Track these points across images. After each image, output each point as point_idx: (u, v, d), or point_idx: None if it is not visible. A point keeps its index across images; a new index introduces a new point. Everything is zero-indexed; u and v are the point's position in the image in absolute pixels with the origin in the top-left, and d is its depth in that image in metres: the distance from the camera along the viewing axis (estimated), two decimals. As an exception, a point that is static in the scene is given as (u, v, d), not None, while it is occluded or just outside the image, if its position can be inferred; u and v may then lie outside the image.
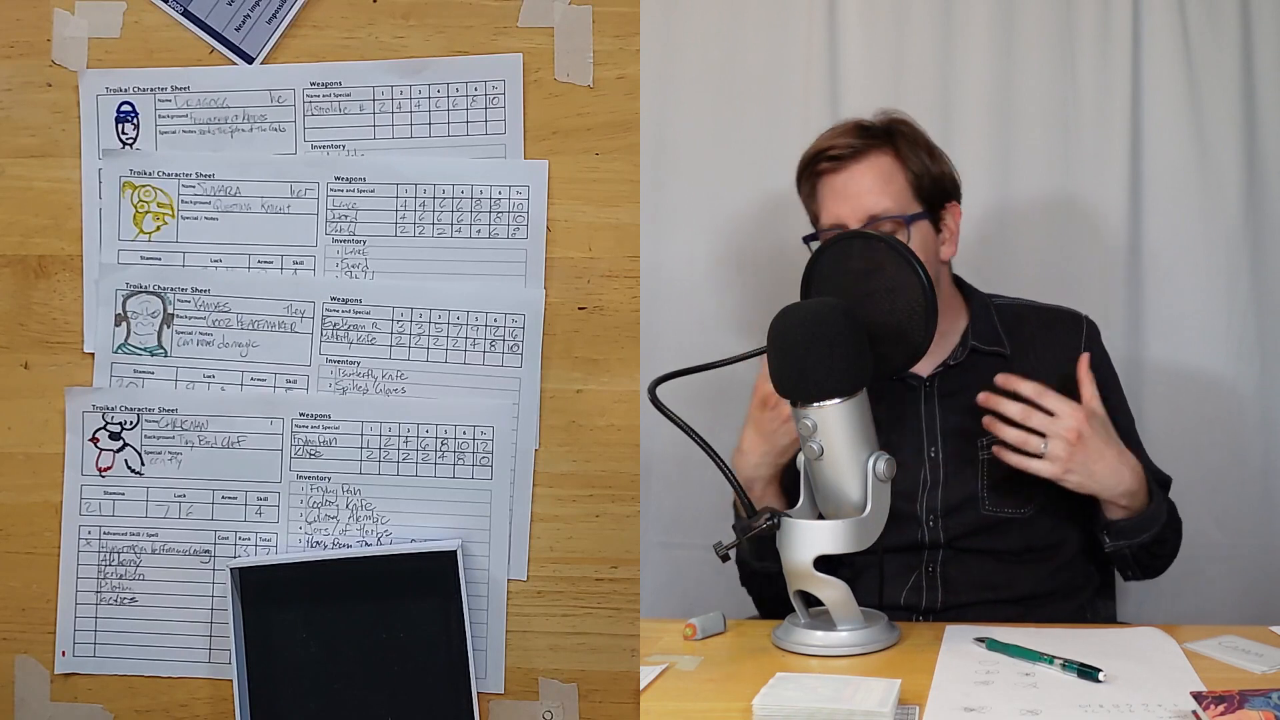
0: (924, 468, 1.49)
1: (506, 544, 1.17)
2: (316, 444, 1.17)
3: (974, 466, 1.47)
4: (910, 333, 1.27)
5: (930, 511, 1.47)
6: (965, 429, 1.48)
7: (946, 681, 1.14)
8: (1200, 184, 1.83)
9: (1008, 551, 1.47)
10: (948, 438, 1.49)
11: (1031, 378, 1.48)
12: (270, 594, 1.16)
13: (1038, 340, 1.52)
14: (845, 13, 1.88)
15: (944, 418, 1.49)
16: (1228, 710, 0.98)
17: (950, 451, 1.48)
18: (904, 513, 1.45)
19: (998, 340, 1.51)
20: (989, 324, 1.52)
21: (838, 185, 1.47)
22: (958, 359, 1.50)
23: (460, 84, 1.17)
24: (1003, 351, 1.50)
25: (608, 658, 1.17)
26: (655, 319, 1.90)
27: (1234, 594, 1.85)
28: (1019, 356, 1.50)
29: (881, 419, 1.47)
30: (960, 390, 1.49)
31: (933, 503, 1.47)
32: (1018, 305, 1.57)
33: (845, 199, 1.46)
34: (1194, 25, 1.82)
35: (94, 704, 1.19)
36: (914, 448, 1.49)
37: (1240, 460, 1.85)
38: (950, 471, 1.48)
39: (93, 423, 1.18)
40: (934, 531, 1.47)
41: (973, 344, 1.50)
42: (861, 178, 1.46)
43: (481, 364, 1.17)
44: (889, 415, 1.48)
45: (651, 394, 1.26)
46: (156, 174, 1.18)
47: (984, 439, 1.46)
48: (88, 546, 1.18)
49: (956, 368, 1.50)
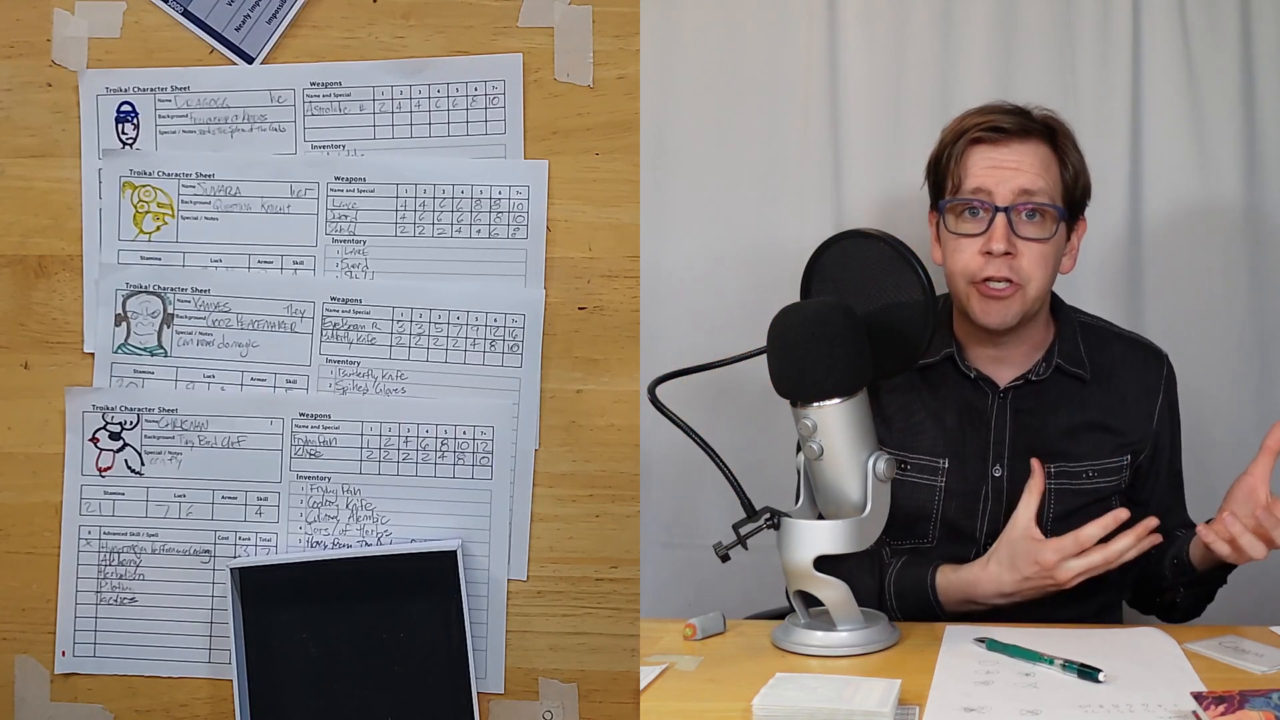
0: (987, 484, 1.44)
1: (506, 544, 1.17)
2: (316, 444, 1.17)
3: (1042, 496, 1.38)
4: (910, 332, 1.27)
5: (991, 536, 1.40)
6: (1036, 453, 1.40)
7: (946, 681, 1.14)
8: (1200, 184, 1.83)
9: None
10: (1016, 459, 1.43)
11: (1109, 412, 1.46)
12: (270, 594, 1.16)
13: (1118, 370, 1.47)
14: (845, 13, 1.88)
15: (1014, 435, 1.44)
16: (1228, 710, 0.98)
17: (1015, 475, 1.42)
18: (961, 529, 1.43)
19: (1080, 363, 1.45)
20: (1074, 343, 1.46)
21: (996, 156, 1.40)
22: (1041, 375, 1.44)
23: (460, 84, 1.17)
24: (1083, 375, 1.45)
25: (608, 658, 1.17)
26: (655, 319, 1.90)
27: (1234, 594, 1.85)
28: (1098, 382, 1.45)
29: (951, 427, 1.45)
30: (1035, 408, 1.45)
31: (994, 525, 1.41)
32: (1100, 327, 1.51)
33: (1002, 170, 1.39)
34: (1194, 25, 1.82)
35: (94, 704, 1.19)
36: (977, 459, 1.44)
37: (1240, 460, 1.85)
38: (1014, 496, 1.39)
39: (93, 423, 1.18)
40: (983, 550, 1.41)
41: (1058, 362, 1.44)
42: (1023, 155, 1.39)
43: (482, 364, 1.17)
44: (958, 423, 1.46)
45: (651, 394, 1.26)
46: (156, 174, 1.18)
47: (1052, 466, 1.42)
48: (88, 546, 1.18)
49: (1037, 384, 1.44)
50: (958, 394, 1.46)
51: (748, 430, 1.71)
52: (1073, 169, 1.42)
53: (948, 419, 1.45)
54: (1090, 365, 1.46)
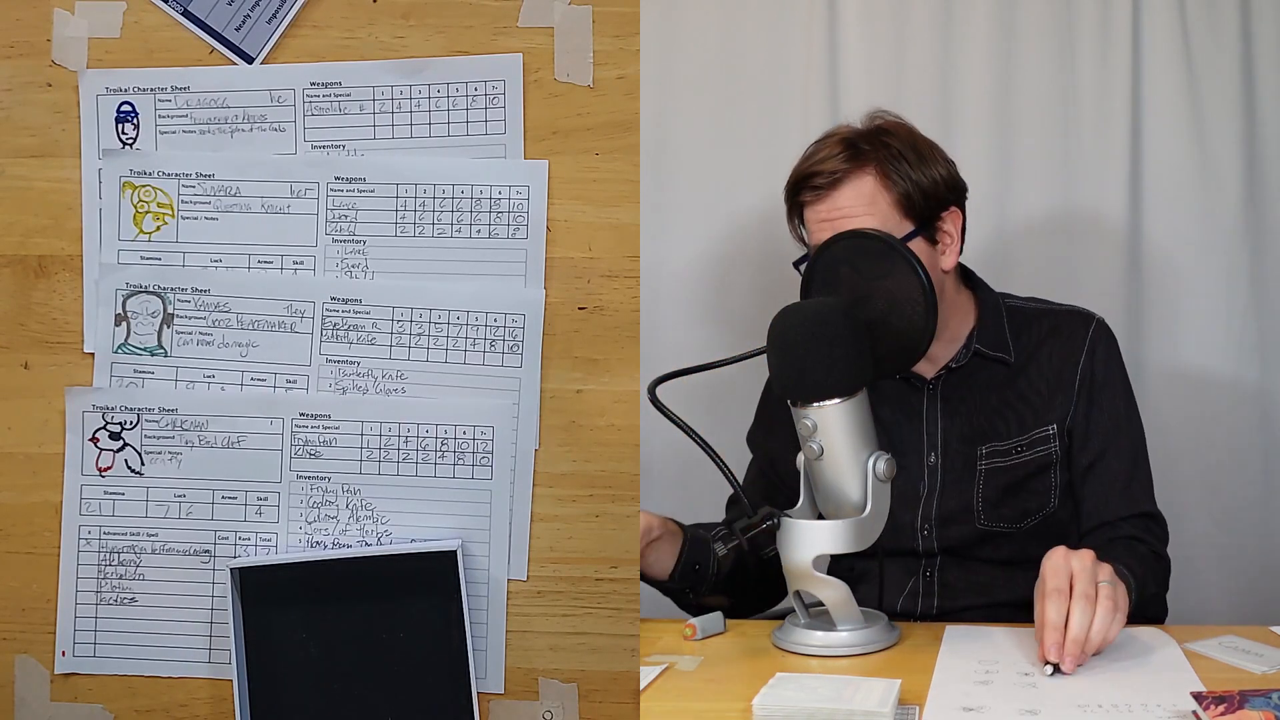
0: (924, 474, 1.48)
1: (507, 544, 1.17)
2: (317, 444, 1.17)
3: (972, 477, 1.46)
4: (910, 332, 1.27)
5: (926, 521, 1.46)
6: (966, 436, 1.47)
7: (946, 681, 1.14)
8: (1200, 184, 1.84)
9: (1004, 560, 1.46)
10: (948, 444, 1.47)
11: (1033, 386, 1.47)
12: (270, 594, 1.16)
13: (1045, 346, 1.48)
14: (845, 13, 1.88)
15: (945, 423, 1.48)
16: (1228, 710, 0.98)
17: (949, 460, 1.47)
18: (902, 520, 1.45)
19: (1003, 346, 1.48)
20: (997, 328, 1.49)
21: (822, 209, 1.42)
22: (960, 362, 1.47)
23: (460, 84, 1.17)
24: (1006, 359, 1.47)
25: (608, 658, 1.17)
26: (655, 319, 1.91)
27: (1234, 594, 1.85)
28: (1023, 363, 1.48)
29: (886, 420, 1.47)
30: (962, 395, 1.48)
31: (928, 512, 1.46)
32: (1029, 308, 1.53)
33: (831, 221, 1.41)
34: (1194, 25, 1.82)
35: (94, 704, 1.19)
36: (915, 452, 1.48)
37: (1240, 460, 1.85)
38: (948, 481, 1.46)
39: (93, 423, 1.18)
40: (928, 541, 1.46)
41: (976, 348, 1.47)
42: (844, 200, 1.41)
43: (482, 364, 1.17)
44: (893, 416, 1.48)
45: (651, 394, 1.26)
46: (156, 174, 1.18)
47: (984, 447, 1.45)
48: (88, 546, 1.18)
49: (959, 370, 1.48)
50: (890, 392, 1.49)
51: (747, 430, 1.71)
52: (905, 182, 1.41)
53: (884, 416, 1.46)
54: (1014, 346, 1.48)
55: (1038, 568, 1.28)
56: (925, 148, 1.45)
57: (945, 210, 1.45)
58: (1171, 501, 1.52)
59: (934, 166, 1.44)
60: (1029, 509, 1.45)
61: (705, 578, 1.44)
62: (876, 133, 1.44)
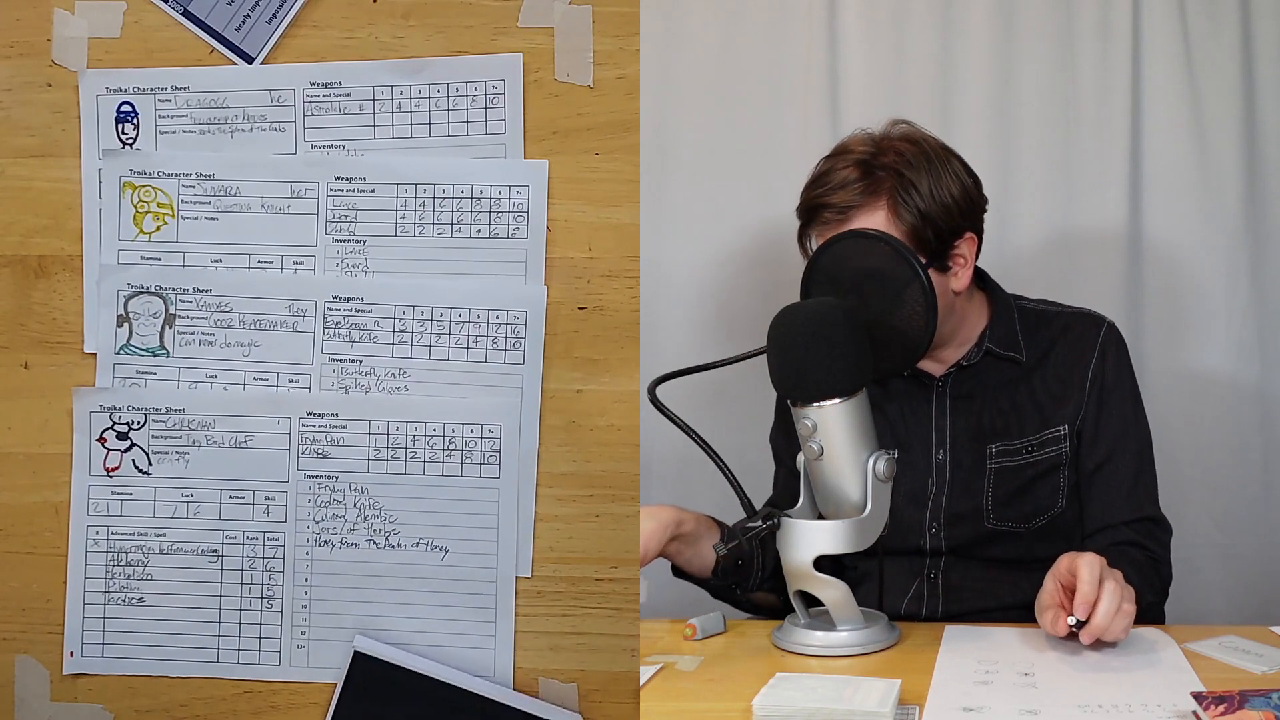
0: (931, 472, 1.47)
1: (514, 542, 1.17)
2: (324, 443, 1.17)
3: (982, 476, 1.45)
4: (910, 332, 1.27)
5: (934, 520, 1.46)
6: (974, 434, 1.46)
7: (946, 681, 1.15)
8: (1200, 184, 1.84)
9: (1009, 560, 1.46)
10: (957, 442, 1.47)
11: (1044, 386, 1.47)
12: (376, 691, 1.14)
13: (1056, 346, 1.48)
14: (845, 13, 1.88)
15: (954, 421, 1.48)
16: (1228, 710, 0.98)
17: (958, 458, 1.47)
18: (909, 519, 1.45)
19: (1015, 346, 1.48)
20: (1009, 327, 1.49)
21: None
22: (971, 360, 1.47)
23: (460, 84, 1.17)
24: (1018, 358, 1.47)
25: (608, 658, 1.17)
26: (655, 319, 1.91)
27: (1234, 594, 1.85)
28: (1035, 363, 1.47)
29: (894, 416, 1.47)
30: (973, 394, 1.47)
31: (938, 510, 1.46)
32: (1041, 309, 1.53)
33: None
34: (1194, 25, 1.82)
35: (94, 704, 1.19)
36: (922, 449, 1.48)
37: (1240, 460, 1.85)
38: (957, 480, 1.46)
39: (100, 423, 1.18)
40: (936, 539, 1.46)
41: (988, 346, 1.47)
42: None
43: (484, 361, 1.17)
44: (900, 412, 1.48)
45: (651, 394, 1.26)
46: (156, 174, 1.18)
47: (994, 446, 1.45)
48: (95, 547, 1.18)
49: (970, 369, 1.47)
50: (899, 389, 1.49)
51: (748, 430, 1.71)
52: (915, 212, 1.38)
53: (891, 413, 1.46)
54: (1026, 347, 1.48)
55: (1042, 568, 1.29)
56: (942, 164, 1.41)
57: (959, 238, 1.42)
58: (1171, 501, 1.52)
59: (950, 188, 1.40)
60: (1038, 509, 1.45)
61: (750, 573, 1.43)
62: (892, 152, 1.41)
